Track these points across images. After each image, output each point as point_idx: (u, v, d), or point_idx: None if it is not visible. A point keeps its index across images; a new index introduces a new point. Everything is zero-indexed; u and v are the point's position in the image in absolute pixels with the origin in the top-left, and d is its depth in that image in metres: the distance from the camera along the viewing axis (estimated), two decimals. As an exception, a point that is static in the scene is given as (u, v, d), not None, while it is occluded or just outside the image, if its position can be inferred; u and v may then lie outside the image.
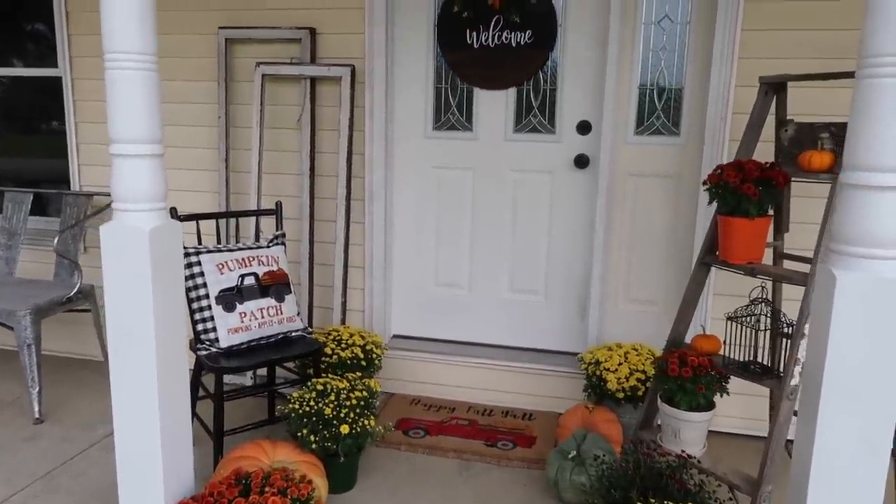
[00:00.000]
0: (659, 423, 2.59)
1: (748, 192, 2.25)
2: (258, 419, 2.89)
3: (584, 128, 3.26)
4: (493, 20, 3.26)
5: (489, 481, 2.76)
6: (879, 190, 1.38)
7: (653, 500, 1.96)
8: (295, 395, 2.66)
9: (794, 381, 2.15)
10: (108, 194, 1.94)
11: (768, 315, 2.27)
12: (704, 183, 2.41)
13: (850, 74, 2.18)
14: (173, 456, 2.06)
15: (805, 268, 2.43)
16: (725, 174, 2.31)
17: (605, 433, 2.73)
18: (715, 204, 2.41)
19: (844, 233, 1.43)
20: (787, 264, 2.67)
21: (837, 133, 2.36)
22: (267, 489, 2.01)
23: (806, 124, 2.49)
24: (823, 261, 1.51)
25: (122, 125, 1.89)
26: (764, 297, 2.24)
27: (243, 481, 2.08)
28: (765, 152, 2.56)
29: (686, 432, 2.36)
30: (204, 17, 3.44)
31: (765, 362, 2.32)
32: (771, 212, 2.38)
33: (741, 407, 3.02)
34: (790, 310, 2.41)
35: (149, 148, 1.91)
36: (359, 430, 2.54)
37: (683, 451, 2.25)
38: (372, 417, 2.61)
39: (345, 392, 2.63)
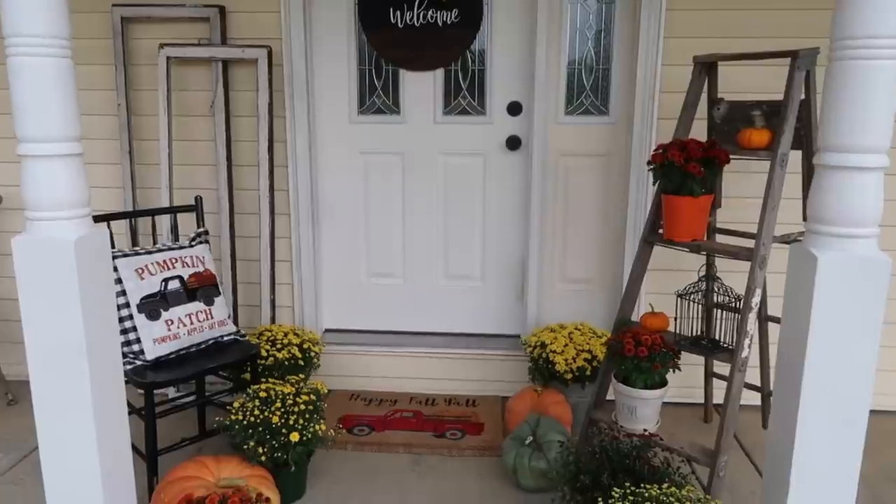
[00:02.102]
0: (610, 401, 2.62)
1: (693, 171, 2.28)
2: (188, 434, 2.68)
3: (514, 109, 3.21)
4: (418, -2, 3.14)
5: (444, 474, 2.70)
6: (857, 171, 1.42)
7: (626, 483, 1.97)
8: (235, 404, 2.48)
9: (745, 354, 2.23)
10: None
11: (717, 291, 2.33)
12: (649, 163, 2.43)
13: (782, 54, 2.27)
14: (115, 485, 1.85)
15: (738, 242, 2.53)
16: (670, 154, 2.33)
17: (556, 415, 2.74)
18: (653, 183, 2.44)
19: (823, 214, 1.46)
20: (720, 238, 2.76)
21: (768, 111, 2.45)
22: (226, 514, 1.86)
23: (737, 102, 2.56)
24: (804, 242, 1.54)
25: (31, 121, 1.64)
26: (713, 273, 2.30)
27: (197, 508, 1.90)
28: (694, 130, 2.61)
29: (642, 410, 2.39)
30: (93, -9, 3.09)
31: (714, 336, 2.39)
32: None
33: (674, 376, 3.12)
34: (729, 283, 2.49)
35: (67, 147, 1.67)
36: (309, 436, 2.40)
37: (645, 430, 2.29)
38: (322, 422, 2.47)
39: (290, 397, 2.47)
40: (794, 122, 2.23)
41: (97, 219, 2.44)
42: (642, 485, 1.93)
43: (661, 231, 2.51)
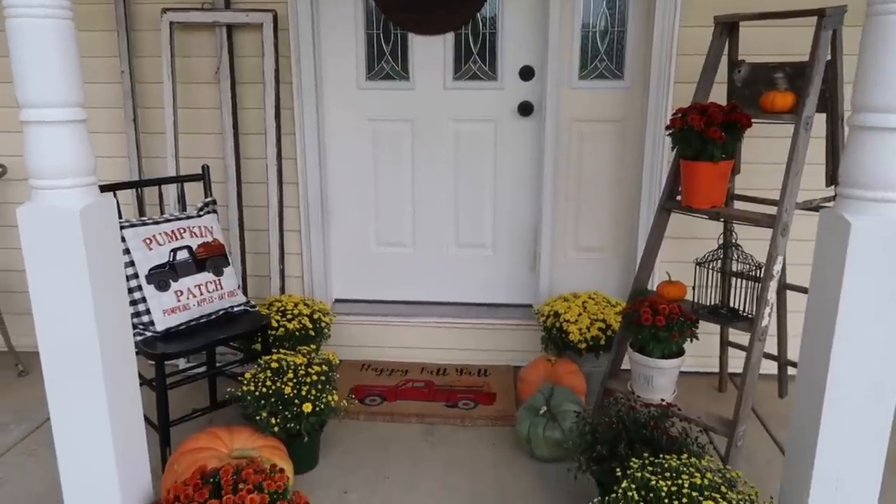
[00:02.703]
0: (625, 370, 2.59)
1: (714, 135, 2.21)
2: (200, 405, 2.67)
3: (527, 73, 3.13)
4: (427, -42, 3.03)
5: (457, 443, 2.69)
6: (894, 131, 1.35)
7: (644, 453, 1.94)
8: (247, 375, 2.45)
9: (765, 323, 2.18)
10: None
11: (737, 259, 2.28)
12: (667, 128, 2.36)
13: (807, 12, 2.18)
14: (128, 460, 1.83)
15: (758, 208, 2.47)
16: (690, 118, 2.26)
17: (570, 385, 2.72)
18: (671, 148, 2.37)
19: (857, 177, 1.40)
20: (738, 205, 2.70)
21: (792, 73, 2.37)
22: (241, 486, 1.84)
23: (759, 64, 2.48)
24: (836, 207, 1.48)
25: (32, 86, 1.58)
26: (732, 240, 2.24)
27: (211, 479, 1.88)
28: (713, 94, 2.53)
29: (658, 379, 2.36)
30: (92, -46, 3.00)
31: (732, 305, 2.35)
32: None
33: (689, 346, 3.09)
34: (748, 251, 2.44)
35: (70, 112, 1.61)
36: (322, 406, 2.38)
37: (662, 400, 2.26)
38: (334, 392, 2.45)
39: (302, 368, 2.45)
40: (820, 84, 2.15)
41: (103, 188, 2.37)
42: (661, 455, 1.90)
43: (678, 198, 2.45)
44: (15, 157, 3.16)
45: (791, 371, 2.73)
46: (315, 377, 2.42)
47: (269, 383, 2.37)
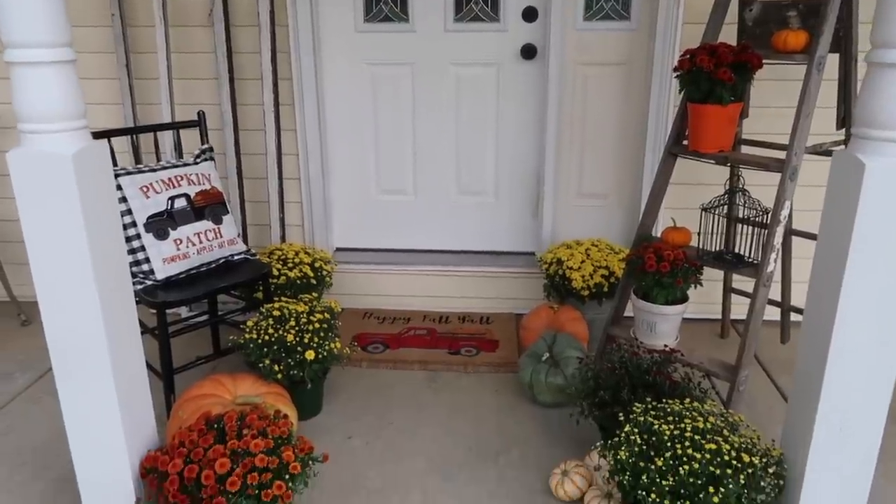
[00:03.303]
0: (627, 318, 2.59)
1: (723, 77, 2.15)
2: (203, 353, 2.67)
3: (530, 14, 3.03)
4: None
5: (460, 389, 2.71)
6: (915, 68, 1.30)
7: (647, 398, 1.95)
8: (249, 323, 2.45)
9: (770, 268, 2.16)
10: None
11: (743, 204, 2.24)
12: (675, 69, 2.29)
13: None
14: (131, 405, 1.83)
15: (766, 153, 2.42)
16: (699, 59, 2.18)
17: (573, 332, 2.72)
18: (679, 91, 2.31)
19: (874, 116, 1.35)
20: (746, 150, 2.65)
21: (805, 11, 2.28)
22: (245, 431, 1.85)
23: (771, 2, 2.39)
24: (850, 147, 1.43)
25: (17, 24, 1.52)
26: (739, 186, 2.20)
27: (215, 425, 1.90)
28: (723, 35, 2.45)
29: (662, 325, 2.36)
30: None
31: (737, 251, 2.32)
32: (738, 97, 2.31)
33: (691, 292, 3.08)
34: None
35: (58, 53, 1.55)
36: (325, 354, 2.38)
37: (665, 346, 2.25)
38: (337, 340, 2.45)
39: (304, 316, 2.45)
40: (834, 23, 2.08)
41: (97, 135, 2.33)
42: (664, 400, 1.91)
43: (685, 143, 2.40)
44: (7, 105, 3.08)
45: (794, 317, 2.73)
46: (317, 325, 2.41)
47: (271, 331, 2.36)
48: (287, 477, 1.78)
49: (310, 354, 2.33)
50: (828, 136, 2.43)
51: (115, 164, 2.45)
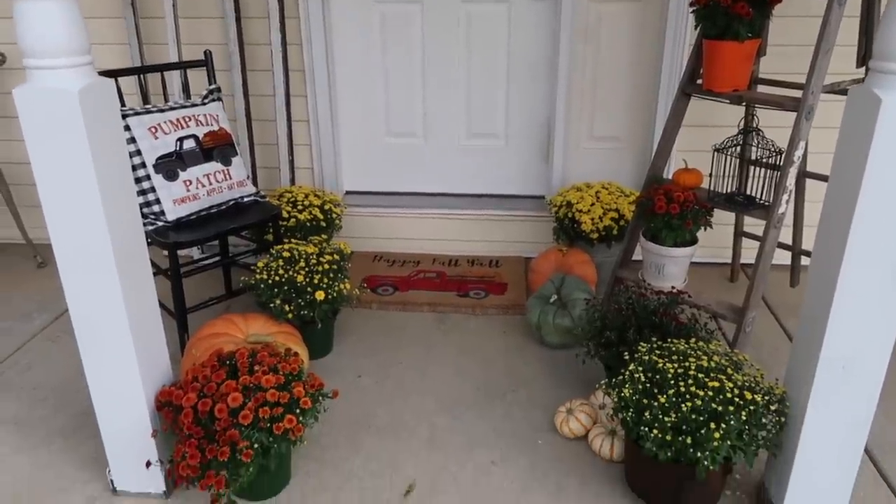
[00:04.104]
0: (636, 260, 2.58)
1: (741, 11, 2.08)
2: (215, 294, 2.71)
3: (543, -52, 2.94)
4: None
5: (468, 331, 2.74)
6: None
7: (653, 337, 1.96)
8: (260, 264, 2.48)
9: (782, 210, 2.14)
10: None
11: (757, 145, 2.20)
12: (691, 4, 2.22)
13: None
14: (146, 340, 1.87)
15: (781, 93, 2.36)
16: (716, -7, 2.12)
17: (581, 275, 2.72)
18: (694, 27, 2.25)
19: (893, 49, 1.31)
20: (761, 89, 2.59)
21: (829, -59, 2.19)
22: (256, 368, 1.89)
23: (794, -67, 2.29)
24: (867, 82, 1.39)
25: (17, -42, 1.49)
26: (753, 126, 2.16)
27: (227, 362, 1.94)
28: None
29: (670, 268, 2.36)
30: None
31: (749, 193, 2.29)
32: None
33: (702, 236, 3.07)
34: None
35: (59, -14, 1.53)
36: (335, 295, 2.41)
37: (673, 287, 2.26)
38: (347, 281, 2.47)
39: (314, 257, 2.47)
40: (859, -47, 2.00)
41: (104, 74, 2.32)
42: (669, 340, 1.92)
43: (699, 82, 2.35)
44: (14, 45, 3.06)
45: (805, 261, 2.71)
46: (327, 266, 2.44)
47: (281, 272, 2.39)
48: (298, 411, 1.83)
49: (320, 295, 2.36)
50: (847, 75, 2.37)
51: (122, 104, 2.44)
